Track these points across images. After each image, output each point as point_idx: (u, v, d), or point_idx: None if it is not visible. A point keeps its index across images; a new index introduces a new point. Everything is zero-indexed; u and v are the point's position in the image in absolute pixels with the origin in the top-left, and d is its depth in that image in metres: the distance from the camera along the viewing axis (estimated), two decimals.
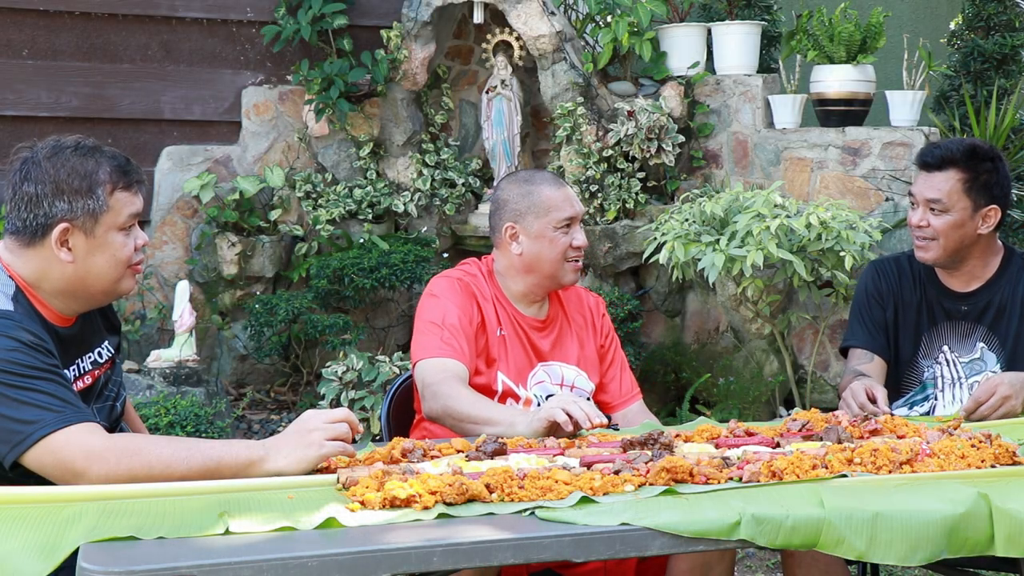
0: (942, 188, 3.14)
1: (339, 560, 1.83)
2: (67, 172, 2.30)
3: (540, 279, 3.02)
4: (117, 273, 2.36)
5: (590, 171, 5.47)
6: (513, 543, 1.92)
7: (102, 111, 5.55)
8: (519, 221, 3.00)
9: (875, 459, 2.25)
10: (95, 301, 2.42)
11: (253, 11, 5.78)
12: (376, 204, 5.76)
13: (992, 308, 3.21)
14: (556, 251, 2.99)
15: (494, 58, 5.77)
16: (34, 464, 2.16)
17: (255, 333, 5.46)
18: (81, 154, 2.32)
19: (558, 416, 2.55)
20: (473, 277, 3.04)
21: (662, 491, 2.12)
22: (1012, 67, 5.70)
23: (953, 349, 3.23)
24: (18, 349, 2.19)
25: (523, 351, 3.01)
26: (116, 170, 2.33)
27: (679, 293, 5.72)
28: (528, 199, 3.00)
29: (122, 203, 2.34)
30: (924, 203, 3.16)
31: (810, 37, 5.45)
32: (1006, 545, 2.02)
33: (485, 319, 2.98)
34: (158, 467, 2.16)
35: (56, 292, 2.34)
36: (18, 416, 2.15)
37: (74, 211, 2.29)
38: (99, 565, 1.77)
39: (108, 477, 2.14)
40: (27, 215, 2.30)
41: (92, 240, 2.32)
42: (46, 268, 2.32)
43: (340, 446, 2.26)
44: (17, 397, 2.16)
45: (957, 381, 3.21)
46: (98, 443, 2.16)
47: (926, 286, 3.27)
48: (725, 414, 5.11)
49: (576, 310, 3.14)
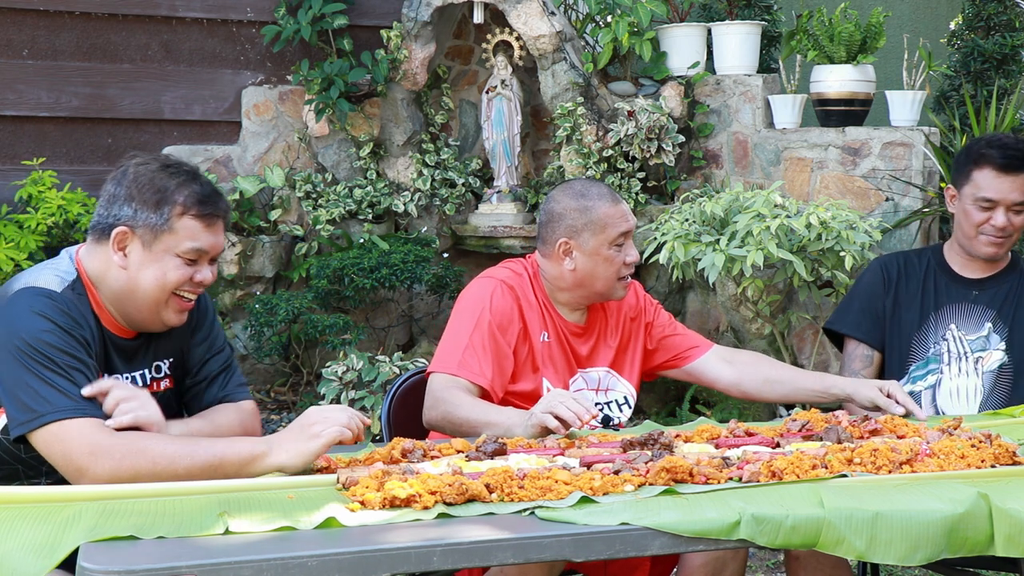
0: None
1: (339, 560, 1.83)
2: (146, 182, 2.35)
3: (589, 293, 2.99)
4: (161, 295, 2.36)
5: (590, 171, 5.47)
6: (513, 543, 1.92)
7: (102, 111, 5.55)
8: (575, 237, 2.94)
9: (875, 459, 2.25)
10: (141, 322, 2.41)
11: (253, 11, 5.78)
12: (376, 204, 5.76)
13: (1001, 296, 3.27)
14: (610, 269, 2.94)
15: (494, 58, 5.77)
16: (42, 448, 2.20)
17: (255, 333, 5.46)
18: (169, 173, 2.37)
19: (548, 423, 2.56)
20: (519, 278, 2.99)
21: (662, 491, 2.12)
22: (1012, 67, 5.70)
23: (960, 327, 3.26)
24: (51, 331, 2.23)
25: (564, 358, 2.99)
26: (193, 196, 2.35)
27: (679, 293, 5.72)
28: (586, 215, 2.93)
29: (188, 231, 2.35)
30: (1009, 205, 3.18)
31: (810, 37, 5.45)
32: (1006, 545, 2.02)
33: (528, 326, 2.94)
34: (162, 463, 2.17)
35: (111, 298, 2.37)
36: (37, 394, 2.18)
37: (136, 219, 2.34)
38: (99, 565, 1.77)
39: (112, 473, 2.15)
40: (103, 211, 2.37)
41: (148, 253, 2.34)
42: (106, 270, 2.36)
43: (339, 429, 2.27)
44: (39, 375, 2.19)
45: (963, 355, 3.24)
46: (105, 440, 2.18)
47: (936, 274, 3.31)
48: (725, 414, 5.11)
49: (613, 312, 3.09)
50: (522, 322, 2.93)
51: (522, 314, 2.94)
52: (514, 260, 3.08)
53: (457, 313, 2.94)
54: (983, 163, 3.19)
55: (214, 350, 2.56)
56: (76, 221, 5.13)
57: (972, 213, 3.21)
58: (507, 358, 2.89)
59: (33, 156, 5.36)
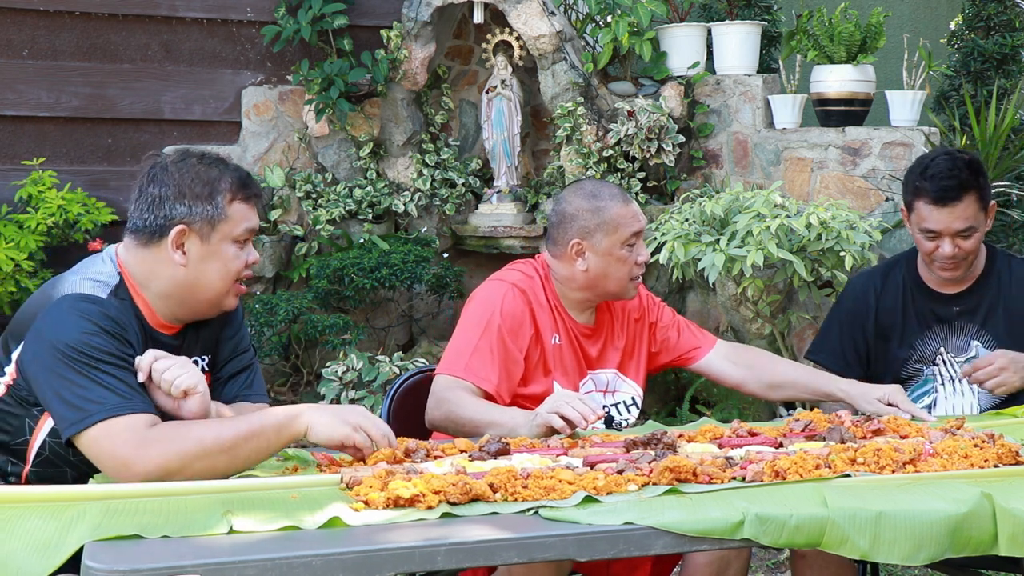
0: (968, 214, 3.10)
1: (343, 559, 1.83)
2: (191, 177, 2.37)
3: (601, 293, 2.99)
4: (225, 285, 2.41)
5: (590, 171, 5.47)
6: (517, 543, 1.92)
7: (102, 111, 5.55)
8: (587, 238, 2.94)
9: (878, 459, 2.25)
10: (199, 311, 2.44)
11: (253, 11, 5.78)
12: (376, 204, 5.76)
13: (983, 306, 3.23)
14: (623, 270, 2.95)
15: (494, 58, 5.77)
16: (90, 447, 2.19)
17: (255, 333, 5.46)
18: (206, 163, 2.40)
19: (554, 423, 2.57)
20: (530, 280, 2.99)
21: (665, 491, 2.12)
22: (1012, 67, 5.70)
23: (948, 350, 3.24)
24: (96, 333, 2.24)
25: (575, 359, 2.99)
26: (237, 182, 2.40)
27: (679, 293, 5.72)
28: (598, 216, 2.93)
29: (240, 214, 2.40)
30: (953, 235, 3.10)
31: (810, 37, 5.45)
32: (1009, 545, 2.02)
33: (539, 329, 2.94)
34: (208, 440, 2.20)
35: (163, 294, 2.38)
36: (85, 395, 2.19)
37: (193, 215, 2.35)
38: (104, 564, 1.77)
39: (161, 462, 2.16)
40: (148, 215, 2.37)
41: (207, 246, 2.37)
42: (157, 269, 2.37)
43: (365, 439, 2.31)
44: (88, 375, 2.20)
45: (956, 378, 3.23)
46: (150, 433, 2.19)
47: (913, 294, 3.26)
48: (725, 414, 5.11)
49: (620, 312, 3.10)
50: (534, 326, 2.93)
51: (534, 317, 2.94)
52: (523, 261, 3.07)
53: (467, 316, 2.93)
54: (920, 195, 3.14)
55: (240, 349, 2.60)
56: (76, 221, 5.12)
57: (921, 242, 3.17)
58: (516, 364, 2.88)
59: (33, 156, 5.36)
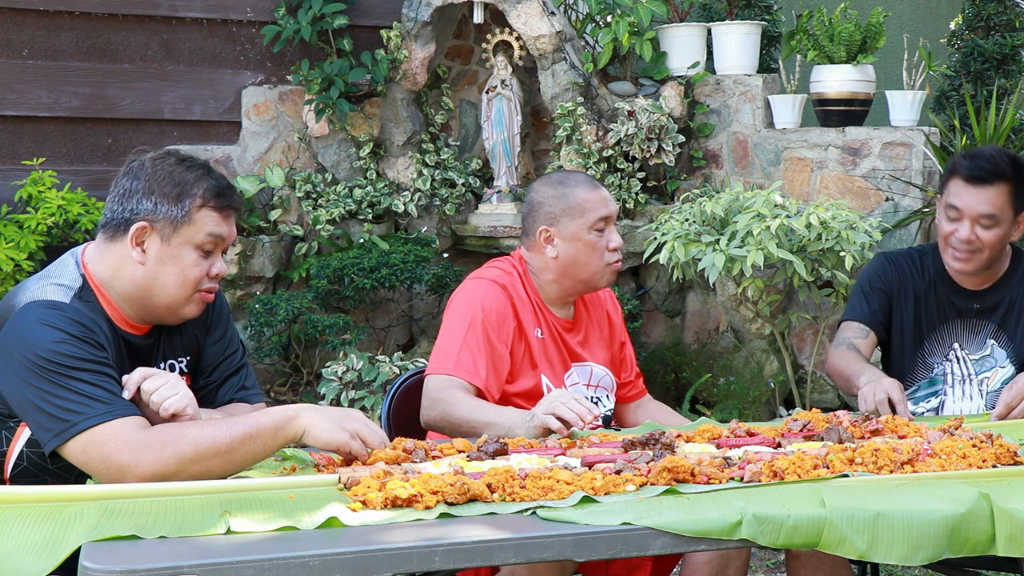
0: (995, 202, 3.08)
1: (341, 560, 1.83)
2: (164, 176, 2.34)
3: (575, 283, 2.99)
4: (183, 292, 2.36)
5: (590, 171, 5.47)
6: (514, 543, 1.92)
7: (102, 111, 5.55)
8: (554, 224, 2.95)
9: (876, 459, 2.25)
10: (158, 316, 2.40)
11: (253, 11, 5.78)
12: (376, 204, 5.76)
13: (1003, 305, 3.21)
14: (593, 255, 2.95)
15: (494, 58, 5.77)
16: (77, 456, 2.17)
17: (255, 333, 5.46)
18: (185, 166, 2.37)
19: (551, 424, 2.56)
20: (509, 276, 2.99)
21: (663, 491, 2.12)
22: (1012, 67, 5.70)
23: (963, 347, 3.22)
24: (65, 341, 2.20)
25: (559, 352, 3.00)
26: (212, 189, 2.36)
27: (679, 293, 5.73)
28: (564, 201, 2.95)
29: (207, 221, 2.35)
30: (974, 218, 3.09)
31: (810, 37, 5.45)
32: (1007, 545, 2.02)
33: (522, 324, 2.95)
34: (204, 444, 2.17)
35: (125, 295, 2.36)
36: (64, 405, 2.16)
37: (157, 213, 2.32)
38: (101, 564, 1.77)
39: (157, 465, 2.14)
40: (117, 207, 2.35)
41: (166, 248, 2.34)
42: (120, 267, 2.34)
43: (361, 447, 2.30)
44: (64, 384, 2.17)
45: (967, 378, 3.21)
46: (143, 436, 2.17)
47: (937, 284, 3.25)
48: (725, 414, 5.11)
49: (595, 308, 3.13)
50: (516, 319, 2.94)
51: (515, 311, 2.95)
52: (501, 259, 3.09)
53: (449, 316, 2.94)
54: (955, 172, 3.13)
55: (228, 351, 2.57)
56: (76, 221, 5.13)
57: (943, 223, 3.16)
58: (502, 359, 2.89)
59: (33, 156, 5.36)
